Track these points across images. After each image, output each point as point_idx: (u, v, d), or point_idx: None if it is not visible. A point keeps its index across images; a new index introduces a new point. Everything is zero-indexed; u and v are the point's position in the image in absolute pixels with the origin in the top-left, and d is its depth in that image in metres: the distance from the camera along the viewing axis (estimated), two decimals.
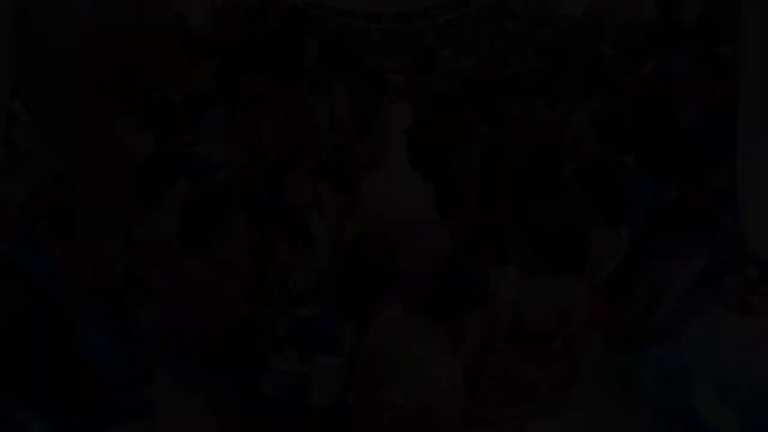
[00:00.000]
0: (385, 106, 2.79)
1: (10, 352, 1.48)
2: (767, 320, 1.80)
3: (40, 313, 1.61)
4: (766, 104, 1.52)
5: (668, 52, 1.72)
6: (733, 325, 1.96)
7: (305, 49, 4.41)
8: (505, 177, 2.39)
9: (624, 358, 2.42)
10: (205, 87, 3.78)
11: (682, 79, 1.81)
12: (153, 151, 2.41)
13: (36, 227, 1.81)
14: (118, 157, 2.53)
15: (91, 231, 2.60)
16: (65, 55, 2.21)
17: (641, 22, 3.39)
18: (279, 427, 1.57)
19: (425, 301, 1.32)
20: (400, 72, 2.80)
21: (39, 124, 2.44)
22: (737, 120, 1.62)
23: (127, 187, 1.71)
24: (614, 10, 4.30)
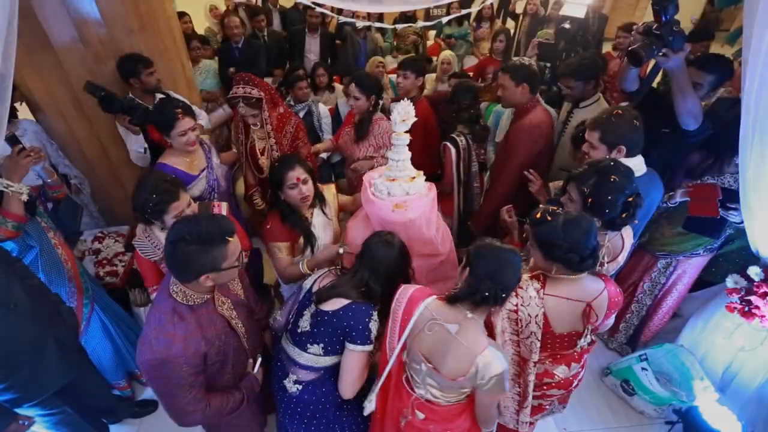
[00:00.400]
0: (385, 106, 2.80)
1: (10, 351, 1.49)
2: (767, 320, 1.79)
3: (42, 312, 1.61)
4: (767, 104, 1.52)
5: (666, 53, 1.72)
6: (733, 325, 1.96)
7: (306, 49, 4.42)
8: (506, 177, 2.39)
9: (624, 358, 2.42)
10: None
11: (682, 79, 1.81)
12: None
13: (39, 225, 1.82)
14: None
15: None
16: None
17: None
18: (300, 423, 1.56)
19: (456, 295, 1.31)
20: (401, 72, 2.79)
21: (41, 123, 2.45)
22: (739, 120, 1.63)
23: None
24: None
